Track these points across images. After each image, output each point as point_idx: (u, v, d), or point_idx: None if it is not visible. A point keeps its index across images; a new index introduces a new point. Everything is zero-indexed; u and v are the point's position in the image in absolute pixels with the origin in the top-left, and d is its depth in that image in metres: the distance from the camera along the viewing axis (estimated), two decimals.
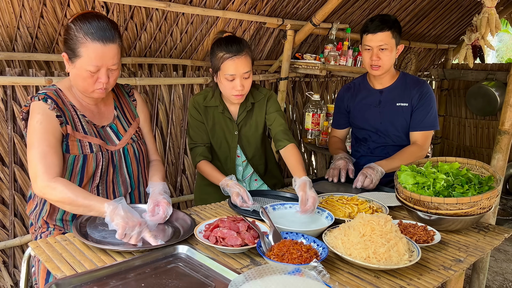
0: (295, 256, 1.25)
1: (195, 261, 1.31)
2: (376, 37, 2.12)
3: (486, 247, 1.54)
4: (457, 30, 4.74)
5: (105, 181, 1.65)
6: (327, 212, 1.61)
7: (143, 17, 2.42)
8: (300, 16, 3.16)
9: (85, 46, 1.46)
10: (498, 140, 2.45)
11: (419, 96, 2.20)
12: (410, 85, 2.24)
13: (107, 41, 1.48)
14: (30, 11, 2.06)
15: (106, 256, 1.30)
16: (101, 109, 1.69)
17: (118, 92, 1.79)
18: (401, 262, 1.27)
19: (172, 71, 2.84)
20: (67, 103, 1.58)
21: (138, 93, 1.86)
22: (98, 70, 1.50)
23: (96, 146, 1.59)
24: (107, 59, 1.50)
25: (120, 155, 1.67)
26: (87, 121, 1.61)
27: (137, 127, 1.78)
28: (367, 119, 2.32)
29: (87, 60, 1.47)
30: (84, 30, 1.46)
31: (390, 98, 2.26)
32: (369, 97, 2.32)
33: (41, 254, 1.30)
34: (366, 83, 2.35)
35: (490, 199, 1.53)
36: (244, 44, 1.89)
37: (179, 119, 2.93)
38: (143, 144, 1.79)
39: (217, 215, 1.70)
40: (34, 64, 2.29)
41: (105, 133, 1.66)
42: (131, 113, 1.79)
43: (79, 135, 1.57)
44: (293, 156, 1.92)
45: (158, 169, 1.81)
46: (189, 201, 3.12)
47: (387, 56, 2.15)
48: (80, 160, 1.55)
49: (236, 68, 1.85)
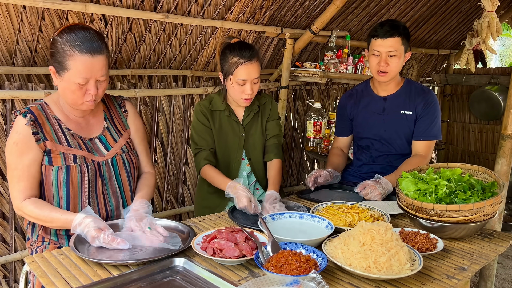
0: (294, 267, 1.23)
1: (192, 274, 1.29)
2: (385, 43, 2.08)
3: (490, 254, 1.50)
4: (458, 35, 4.72)
5: (95, 193, 1.63)
6: (327, 221, 1.58)
7: (141, 29, 2.43)
8: (299, 24, 3.16)
9: (73, 59, 1.46)
10: (502, 144, 2.41)
11: (424, 105, 2.17)
12: (415, 93, 2.20)
13: (95, 53, 1.48)
14: (29, 25, 2.08)
15: (102, 270, 1.28)
16: (89, 121, 1.68)
17: (108, 103, 1.78)
18: (403, 272, 1.24)
19: (172, 82, 2.84)
20: (51, 117, 1.59)
21: (131, 104, 1.84)
22: (87, 82, 1.50)
23: (80, 158, 1.58)
24: (95, 70, 1.49)
25: (109, 166, 1.66)
26: (72, 134, 1.61)
27: (128, 138, 1.77)
28: (371, 126, 2.28)
29: (76, 72, 1.47)
30: (71, 43, 1.46)
31: (395, 105, 2.22)
32: (372, 104, 2.28)
33: (36, 269, 1.28)
34: (369, 90, 2.31)
35: (494, 205, 1.50)
36: (255, 50, 2.00)
37: (179, 129, 2.93)
38: (134, 155, 1.77)
39: (216, 226, 1.68)
40: (34, 78, 2.29)
41: (93, 145, 1.65)
42: (122, 124, 1.78)
43: (62, 148, 1.56)
44: (275, 170, 2.10)
45: (146, 183, 1.78)
46: (191, 212, 3.10)
47: (395, 63, 2.10)
48: (64, 171, 1.55)
49: (248, 73, 1.94)
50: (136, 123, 1.82)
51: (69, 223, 1.45)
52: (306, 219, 1.65)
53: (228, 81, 2.00)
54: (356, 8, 3.34)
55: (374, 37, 2.12)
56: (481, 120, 4.91)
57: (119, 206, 1.70)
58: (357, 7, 3.34)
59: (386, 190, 1.98)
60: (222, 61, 2.01)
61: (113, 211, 1.68)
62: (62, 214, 1.50)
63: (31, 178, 1.54)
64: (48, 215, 1.50)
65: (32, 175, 1.54)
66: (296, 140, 3.85)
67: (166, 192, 2.95)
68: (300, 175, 4.00)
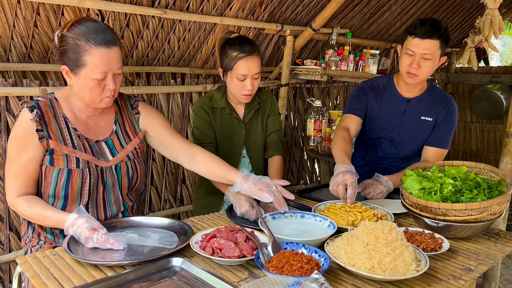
0: (295, 268, 1.18)
1: (190, 275, 1.25)
2: (422, 44, 1.92)
3: (497, 255, 1.46)
4: (460, 33, 4.68)
5: (95, 200, 1.56)
6: (329, 221, 1.54)
7: (139, 24, 2.38)
8: (299, 21, 3.11)
9: (89, 53, 1.39)
10: (506, 142, 2.37)
11: (445, 113, 2.09)
12: (437, 100, 2.11)
13: (111, 44, 1.41)
14: (24, 20, 2.03)
15: (97, 271, 1.24)
16: (98, 122, 1.60)
17: (121, 104, 1.68)
18: (408, 273, 1.20)
19: (170, 79, 2.79)
20: (59, 115, 1.51)
21: (145, 104, 1.72)
22: (105, 77, 1.43)
23: (83, 162, 1.51)
24: (113, 63, 1.43)
25: (112, 173, 1.58)
26: (79, 135, 1.53)
27: (137, 143, 1.66)
28: (385, 126, 2.16)
29: (93, 67, 1.40)
30: (85, 36, 1.38)
31: (416, 109, 2.12)
32: (394, 104, 2.14)
33: (28, 270, 1.23)
34: (392, 87, 2.16)
35: (501, 204, 1.45)
36: (255, 45, 1.96)
37: (178, 128, 2.88)
38: (140, 163, 1.67)
39: (215, 225, 1.63)
40: (29, 74, 2.25)
41: (99, 148, 1.57)
42: (132, 128, 1.67)
43: (66, 150, 1.49)
44: (276, 167, 2.09)
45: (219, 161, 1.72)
46: (189, 211, 3.06)
47: (428, 66, 1.96)
48: (65, 174, 1.48)
49: (249, 68, 1.91)
50: (154, 119, 1.70)
51: (62, 223, 1.40)
52: (308, 219, 1.60)
53: (228, 76, 1.97)
54: (357, 5, 3.30)
55: (411, 35, 1.95)
56: (482, 119, 4.87)
57: (119, 214, 1.63)
58: (358, 4, 3.30)
59: (387, 188, 1.93)
60: (222, 56, 1.97)
61: (112, 218, 1.61)
62: (54, 213, 1.44)
63: (27, 176, 1.48)
64: (41, 213, 1.45)
65: (29, 173, 1.48)
66: (297, 139, 3.81)
67: (164, 191, 2.91)
68: (300, 174, 3.95)
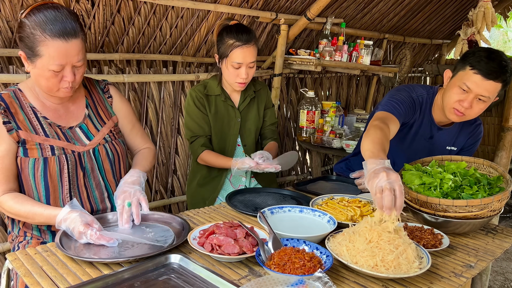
0: (298, 266, 1.15)
1: (189, 272, 1.21)
2: (484, 84, 1.67)
3: (496, 251, 1.46)
4: (452, 25, 4.68)
5: (77, 187, 1.51)
6: (329, 216, 1.52)
7: (130, 10, 2.30)
8: (294, 10, 3.06)
9: (44, 45, 1.31)
10: (502, 137, 2.37)
11: (472, 140, 2.01)
12: (466, 127, 1.99)
13: (69, 37, 1.33)
14: (10, 3, 1.94)
15: (92, 269, 1.19)
16: (68, 108, 1.54)
17: (91, 88, 1.64)
18: (411, 270, 1.18)
19: (162, 68, 2.72)
20: (25, 105, 1.45)
21: (116, 89, 1.70)
22: (62, 69, 1.36)
23: (59, 149, 1.46)
24: (71, 56, 1.35)
25: (91, 157, 1.53)
26: (50, 123, 1.48)
27: (112, 126, 1.63)
28: (409, 146, 2.01)
29: (49, 59, 1.32)
30: (41, 26, 1.30)
31: (444, 139, 2.00)
32: (425, 126, 1.98)
33: (19, 267, 1.18)
34: (429, 109, 1.96)
35: (501, 201, 1.45)
36: (253, 34, 1.96)
37: (169, 117, 2.82)
38: (120, 144, 1.64)
39: (211, 220, 1.60)
40: (16, 61, 2.16)
41: (73, 134, 1.52)
42: (106, 111, 1.64)
43: (38, 139, 1.44)
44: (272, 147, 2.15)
45: (143, 156, 1.69)
46: (180, 203, 3.02)
47: (480, 109, 1.76)
48: (41, 163, 1.43)
49: (244, 56, 1.92)
50: (123, 108, 1.70)
51: (53, 218, 1.34)
52: (306, 213, 1.58)
53: (223, 63, 1.98)
54: None
55: (474, 69, 1.69)
56: None
57: (104, 199, 1.58)
58: None
59: None
60: (219, 43, 1.97)
61: (97, 204, 1.57)
62: (45, 209, 1.38)
63: (6, 171, 1.41)
64: (30, 210, 1.38)
65: (6, 168, 1.41)
66: (289, 129, 3.78)
67: (155, 182, 2.85)
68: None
